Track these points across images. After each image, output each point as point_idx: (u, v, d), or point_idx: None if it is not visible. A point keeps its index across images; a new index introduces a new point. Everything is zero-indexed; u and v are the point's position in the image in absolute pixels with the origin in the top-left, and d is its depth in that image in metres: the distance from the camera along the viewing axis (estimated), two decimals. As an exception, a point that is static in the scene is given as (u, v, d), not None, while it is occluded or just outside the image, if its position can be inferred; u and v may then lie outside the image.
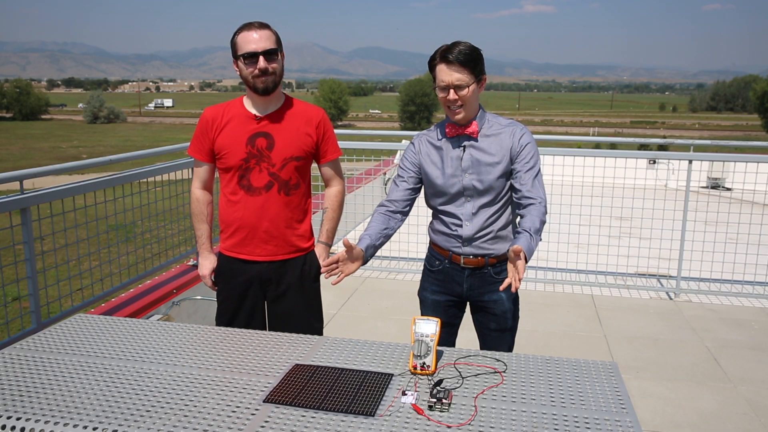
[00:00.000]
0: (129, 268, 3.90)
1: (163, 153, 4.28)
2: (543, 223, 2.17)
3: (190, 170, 4.37)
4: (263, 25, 2.33)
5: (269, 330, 2.54)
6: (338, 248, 6.46)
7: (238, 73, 2.37)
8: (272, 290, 2.52)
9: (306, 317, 2.57)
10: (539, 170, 2.29)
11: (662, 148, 12.90)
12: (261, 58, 2.29)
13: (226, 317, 2.53)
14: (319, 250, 2.61)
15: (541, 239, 2.14)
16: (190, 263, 4.50)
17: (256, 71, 2.30)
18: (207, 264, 2.58)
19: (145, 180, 3.92)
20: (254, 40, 2.29)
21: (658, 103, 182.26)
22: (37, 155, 48.36)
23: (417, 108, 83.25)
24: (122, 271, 3.79)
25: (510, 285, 1.95)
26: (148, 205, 4.02)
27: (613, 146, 13.46)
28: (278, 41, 2.36)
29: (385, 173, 9.37)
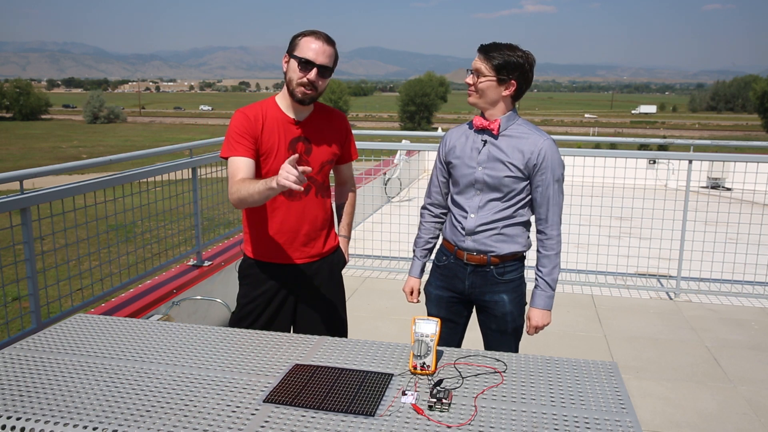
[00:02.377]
0: (129, 268, 3.89)
1: (163, 153, 4.27)
2: (557, 255, 2.44)
3: (190, 170, 4.37)
4: (331, 42, 2.30)
5: (295, 329, 2.54)
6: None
7: (284, 68, 2.31)
8: (305, 289, 2.50)
9: (336, 311, 2.60)
10: (559, 190, 2.35)
11: (662, 148, 12.89)
12: (315, 69, 2.25)
13: (248, 320, 2.47)
14: (343, 244, 2.65)
15: (557, 271, 2.49)
16: (190, 263, 4.50)
17: (305, 79, 2.25)
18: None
19: (145, 180, 3.92)
20: (316, 51, 2.24)
21: (658, 103, 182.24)
22: (37, 155, 48.35)
23: (417, 108, 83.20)
24: (122, 271, 3.79)
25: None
26: (148, 205, 4.02)
27: (613, 146, 13.46)
28: (335, 63, 2.34)
29: (385, 173, 9.37)
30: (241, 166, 2.26)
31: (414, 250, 2.64)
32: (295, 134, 2.37)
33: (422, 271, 2.63)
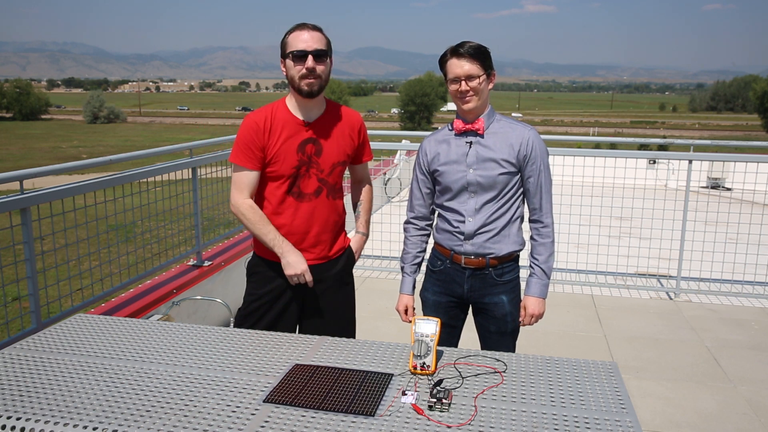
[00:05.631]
0: (129, 268, 3.89)
1: (163, 153, 4.27)
2: (552, 243, 2.47)
3: (190, 170, 4.37)
4: (316, 27, 2.31)
5: (301, 329, 2.53)
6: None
7: (284, 72, 2.33)
8: (312, 291, 2.48)
9: (343, 313, 2.59)
10: (548, 177, 2.37)
11: (662, 148, 12.89)
12: (310, 57, 2.26)
13: (254, 317, 2.47)
14: (360, 241, 2.64)
15: (552, 259, 2.47)
16: (190, 263, 4.50)
17: (304, 70, 2.26)
18: (299, 259, 2.37)
19: (145, 180, 3.92)
20: (305, 40, 2.27)
21: (658, 103, 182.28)
22: (37, 155, 48.33)
23: (417, 108, 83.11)
24: (122, 271, 3.79)
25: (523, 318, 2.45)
26: (148, 205, 4.02)
27: (613, 146, 13.46)
28: (329, 45, 2.34)
29: (385, 173, 9.38)
30: (245, 180, 2.36)
31: (402, 267, 2.57)
32: (305, 136, 2.36)
33: (414, 287, 2.56)
